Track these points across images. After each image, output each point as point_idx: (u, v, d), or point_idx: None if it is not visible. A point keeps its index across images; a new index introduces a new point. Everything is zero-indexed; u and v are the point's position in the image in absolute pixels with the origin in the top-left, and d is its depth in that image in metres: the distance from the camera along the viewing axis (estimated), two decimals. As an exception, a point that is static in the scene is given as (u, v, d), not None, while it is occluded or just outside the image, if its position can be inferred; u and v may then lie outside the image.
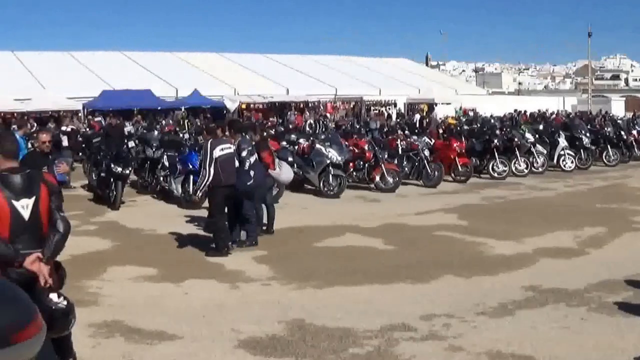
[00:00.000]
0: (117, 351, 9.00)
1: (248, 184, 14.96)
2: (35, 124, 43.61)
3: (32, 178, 7.19)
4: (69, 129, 37.04)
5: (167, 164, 22.60)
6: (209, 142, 14.80)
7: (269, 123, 48.11)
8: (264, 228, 16.60)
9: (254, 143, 16.18)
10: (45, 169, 11.26)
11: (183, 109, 56.91)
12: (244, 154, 15.11)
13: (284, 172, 17.63)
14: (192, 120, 50.92)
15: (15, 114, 52.56)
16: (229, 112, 58.38)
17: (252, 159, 15.21)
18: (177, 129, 41.66)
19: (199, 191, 14.51)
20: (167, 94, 61.55)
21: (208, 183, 14.28)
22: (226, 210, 14.99)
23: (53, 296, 6.87)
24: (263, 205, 16.49)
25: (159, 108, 56.77)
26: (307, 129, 39.81)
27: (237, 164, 14.96)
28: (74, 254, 12.99)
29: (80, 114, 54.21)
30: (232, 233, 15.04)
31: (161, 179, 23.03)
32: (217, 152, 14.40)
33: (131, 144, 27.72)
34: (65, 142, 29.31)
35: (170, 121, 51.43)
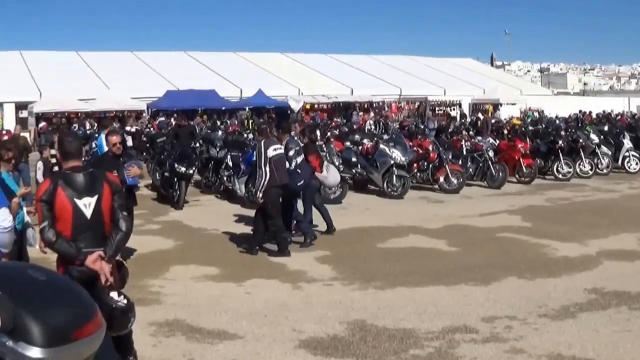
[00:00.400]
0: (178, 350, 9.05)
1: (299, 184, 15.05)
2: (96, 124, 44.06)
3: (95, 177, 7.26)
4: (133, 130, 37.34)
5: (230, 163, 22.70)
6: (262, 142, 14.80)
7: (333, 123, 48.01)
8: (324, 230, 16.67)
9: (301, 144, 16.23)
10: (115, 172, 11.33)
11: (247, 109, 57.04)
12: (291, 153, 15.14)
13: (331, 175, 17.56)
14: (256, 120, 50.95)
15: (79, 114, 53.18)
16: (293, 112, 58.42)
17: (299, 159, 15.25)
18: (241, 129, 41.74)
19: (259, 192, 14.47)
20: (232, 94, 61.72)
21: (266, 183, 14.26)
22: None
23: (113, 295, 6.92)
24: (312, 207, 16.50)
25: (223, 108, 56.94)
26: (367, 129, 39.57)
27: (287, 165, 14.98)
28: (138, 252, 13.08)
29: (144, 114, 54.61)
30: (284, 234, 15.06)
31: (225, 178, 23.14)
32: (271, 152, 14.44)
33: (195, 144, 27.91)
34: (129, 143, 29.53)
35: (235, 121, 51.56)
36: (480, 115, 57.75)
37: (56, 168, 15.59)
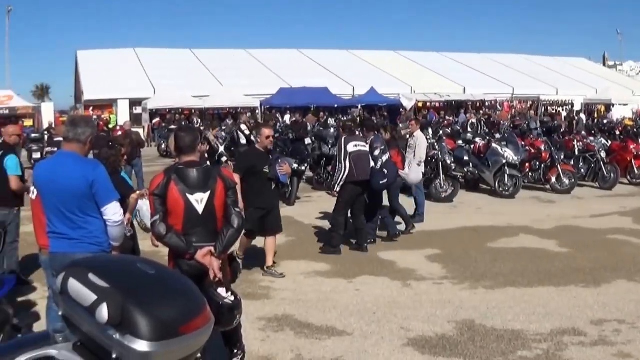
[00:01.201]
0: (286, 345, 9.12)
1: (381, 182, 14.94)
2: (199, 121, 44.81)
3: (209, 173, 7.37)
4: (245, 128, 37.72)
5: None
6: (343, 138, 14.98)
7: (445, 122, 47.69)
8: (408, 228, 16.77)
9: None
10: (266, 168, 11.48)
11: (359, 107, 57.07)
12: (376, 152, 15.05)
13: (413, 172, 17.49)
14: (368, 118, 50.90)
15: (192, 111, 53.93)
16: (406, 111, 58.24)
17: (385, 157, 15.11)
18: (353, 126, 41.75)
19: (336, 185, 14.49)
20: (344, 92, 61.88)
21: (345, 177, 14.29)
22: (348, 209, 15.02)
23: (221, 291, 7.00)
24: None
25: (336, 106, 57.06)
26: (469, 128, 39.15)
27: (371, 163, 14.94)
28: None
29: (257, 111, 55.11)
30: (365, 231, 15.08)
31: (336, 175, 23.19)
32: (351, 147, 14.50)
33: (307, 140, 28.08)
34: (243, 140, 29.80)
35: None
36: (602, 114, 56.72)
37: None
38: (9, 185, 11.40)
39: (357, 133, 15.76)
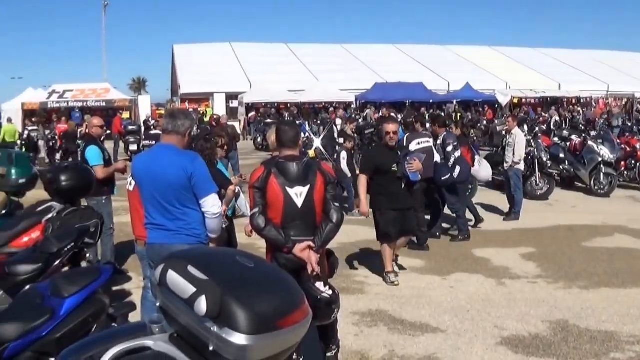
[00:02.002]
0: (380, 340, 9.11)
1: (444, 178, 14.92)
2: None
3: (309, 167, 7.39)
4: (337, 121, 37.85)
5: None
6: (406, 136, 15.04)
7: (541, 118, 47.16)
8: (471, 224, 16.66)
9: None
10: (394, 166, 11.29)
11: (455, 103, 56.81)
12: (449, 148, 15.06)
13: (483, 169, 17.32)
14: (464, 114, 50.59)
15: (288, 105, 54.25)
16: (501, 106, 57.78)
17: (457, 153, 15.10)
18: (448, 122, 41.58)
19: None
20: (439, 87, 61.65)
21: None
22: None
23: (319, 285, 7.01)
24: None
25: (431, 101, 56.89)
26: (552, 126, 38.59)
27: (437, 157, 14.94)
28: (344, 241, 13.21)
29: (352, 106, 55.22)
30: (433, 229, 15.03)
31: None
32: (414, 146, 14.47)
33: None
34: (336, 134, 29.91)
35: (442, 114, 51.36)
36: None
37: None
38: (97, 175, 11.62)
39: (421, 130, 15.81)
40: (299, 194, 7.23)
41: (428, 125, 19.68)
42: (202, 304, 3.48)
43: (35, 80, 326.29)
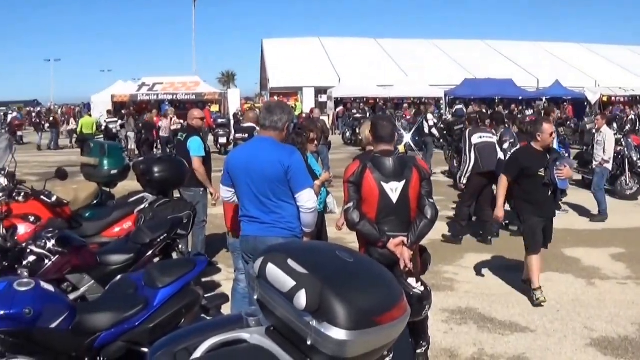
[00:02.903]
0: (469, 338, 9.06)
1: None
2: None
3: (404, 162, 7.35)
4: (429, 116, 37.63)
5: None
6: (468, 130, 15.15)
7: (625, 117, 46.29)
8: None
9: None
10: (541, 171, 10.77)
11: (544, 100, 56.12)
12: (505, 145, 15.01)
13: None
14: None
15: (377, 100, 54.20)
16: (590, 104, 56.93)
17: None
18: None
19: (463, 177, 14.46)
20: (528, 84, 60.92)
21: (470, 169, 14.43)
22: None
23: (411, 281, 6.99)
24: None
25: (520, 98, 56.27)
26: (615, 126, 37.87)
27: (500, 154, 14.75)
28: (433, 238, 13.15)
29: (441, 102, 54.98)
30: (490, 224, 14.81)
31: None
32: (476, 139, 14.57)
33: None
34: (426, 129, 29.73)
35: (531, 111, 50.77)
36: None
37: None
38: (193, 167, 11.74)
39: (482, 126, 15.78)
40: (394, 189, 7.20)
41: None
42: (301, 298, 3.47)
43: (124, 72, 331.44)
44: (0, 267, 7.08)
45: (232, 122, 40.74)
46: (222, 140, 34.83)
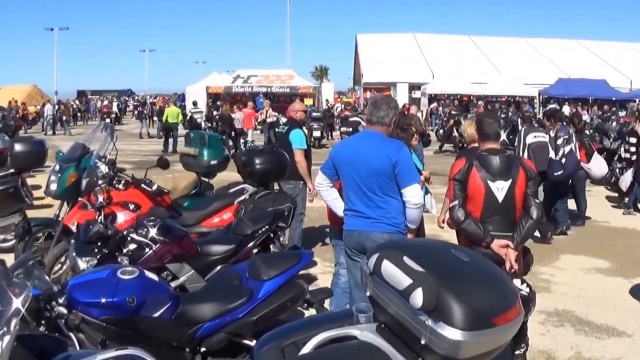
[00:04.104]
0: (566, 341, 8.94)
1: (556, 174, 14.50)
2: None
3: (511, 161, 7.25)
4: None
5: (623, 156, 22.07)
6: (523, 129, 15.07)
7: None
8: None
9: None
10: None
11: (637, 101, 55.11)
12: (559, 142, 14.73)
13: (596, 166, 16.59)
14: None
15: (470, 97, 53.84)
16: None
17: (567, 148, 14.67)
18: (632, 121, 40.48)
19: None
20: (621, 85, 59.85)
21: None
22: None
23: (516, 282, 6.92)
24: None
25: (614, 99, 55.34)
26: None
27: (552, 154, 14.57)
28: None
29: (535, 101, 54.42)
30: (546, 223, 14.52)
31: (617, 170, 22.50)
32: (530, 139, 14.42)
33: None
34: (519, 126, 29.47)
35: (625, 113, 49.89)
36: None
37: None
38: (295, 159, 11.76)
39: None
40: (500, 188, 7.10)
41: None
42: (418, 296, 3.44)
43: (218, 64, 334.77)
44: (100, 255, 7.18)
45: (325, 116, 40.89)
46: (316, 133, 34.95)
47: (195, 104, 42.31)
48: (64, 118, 50.96)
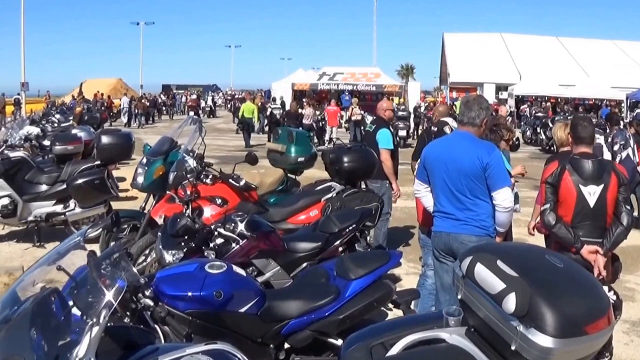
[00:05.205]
0: (649, 351, 8.73)
1: None
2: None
3: (603, 166, 7.11)
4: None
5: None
6: None
7: None
8: None
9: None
10: None
11: None
12: (615, 147, 14.51)
13: None
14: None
15: (558, 99, 53.31)
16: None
17: (624, 154, 14.40)
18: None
19: None
20: None
21: None
22: None
23: (604, 289, 6.79)
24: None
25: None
26: None
27: (607, 155, 14.17)
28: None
29: (622, 105, 53.57)
30: None
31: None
32: None
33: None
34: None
35: None
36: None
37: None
38: (380, 158, 11.71)
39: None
40: (592, 193, 6.97)
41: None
42: (510, 301, 3.41)
43: (303, 61, 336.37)
44: (186, 248, 7.24)
45: (412, 115, 40.75)
46: (402, 132, 34.75)
47: (274, 100, 42.63)
48: (137, 111, 51.92)
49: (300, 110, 36.63)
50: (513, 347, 3.46)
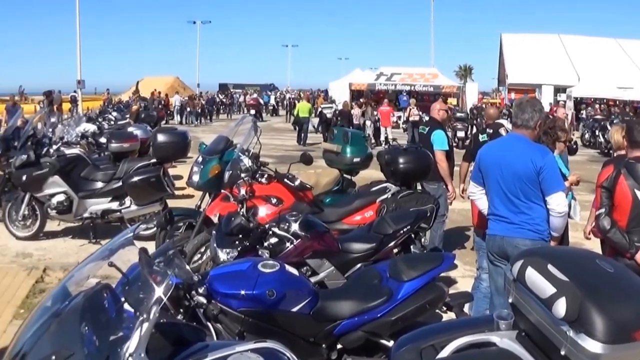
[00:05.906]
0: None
1: None
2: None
3: None
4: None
5: None
6: None
7: None
8: None
9: None
10: None
11: None
12: None
13: None
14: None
15: (616, 102, 52.79)
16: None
17: None
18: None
19: None
20: None
21: None
22: None
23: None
24: None
25: None
26: None
27: None
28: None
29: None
30: None
31: None
32: None
33: None
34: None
35: None
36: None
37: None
38: (436, 160, 11.65)
39: None
40: None
41: None
42: (561, 306, 3.39)
43: (360, 61, 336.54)
44: (241, 247, 7.28)
45: (469, 116, 40.53)
46: (460, 134, 34.50)
47: (325, 99, 42.75)
48: (188, 109, 52.59)
49: (352, 111, 36.69)
50: (563, 352, 3.44)
